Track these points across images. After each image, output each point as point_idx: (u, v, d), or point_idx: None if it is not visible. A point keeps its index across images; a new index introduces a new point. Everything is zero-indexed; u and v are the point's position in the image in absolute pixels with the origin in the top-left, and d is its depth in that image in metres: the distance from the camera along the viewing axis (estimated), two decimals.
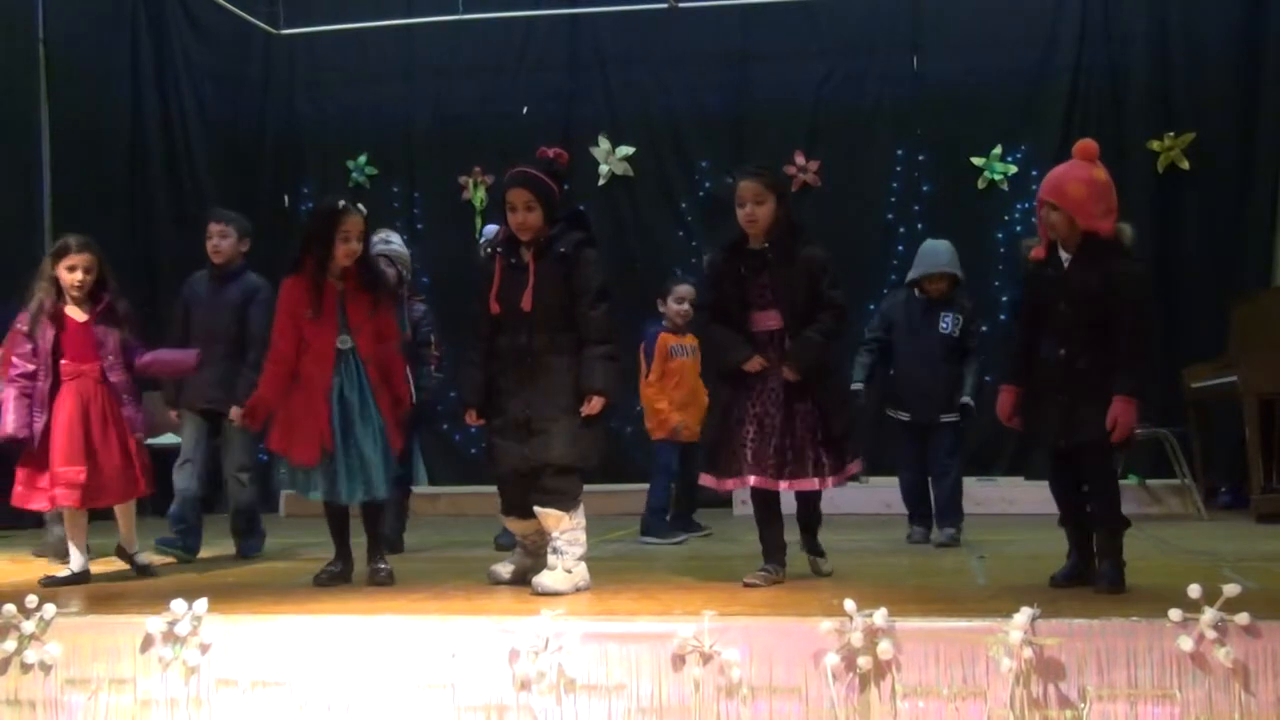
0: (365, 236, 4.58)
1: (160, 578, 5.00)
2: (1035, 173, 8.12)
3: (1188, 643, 3.13)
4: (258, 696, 3.52)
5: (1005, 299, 8.49)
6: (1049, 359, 4.04)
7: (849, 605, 3.28)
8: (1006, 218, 8.86)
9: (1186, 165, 8.67)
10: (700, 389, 6.39)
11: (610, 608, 3.81)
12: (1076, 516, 4.14)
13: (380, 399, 4.56)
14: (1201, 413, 8.02)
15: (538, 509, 4.29)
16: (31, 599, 3.71)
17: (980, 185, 8.97)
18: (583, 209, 4.87)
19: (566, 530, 4.26)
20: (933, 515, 6.16)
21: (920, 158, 9.09)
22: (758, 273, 4.41)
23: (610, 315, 4.37)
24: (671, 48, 9.39)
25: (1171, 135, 8.69)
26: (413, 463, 6.48)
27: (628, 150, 9.44)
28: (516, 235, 4.39)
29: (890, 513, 7.32)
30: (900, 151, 9.12)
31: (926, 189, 9.07)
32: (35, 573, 5.03)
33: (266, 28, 9.59)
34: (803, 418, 4.36)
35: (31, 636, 3.65)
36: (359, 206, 4.57)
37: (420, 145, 9.81)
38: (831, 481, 4.42)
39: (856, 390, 6.12)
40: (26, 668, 3.64)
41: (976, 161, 8.95)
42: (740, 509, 7.67)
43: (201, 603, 3.60)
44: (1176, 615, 3.17)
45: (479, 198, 9.53)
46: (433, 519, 6.95)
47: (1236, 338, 7.73)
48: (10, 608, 3.66)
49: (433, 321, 6.21)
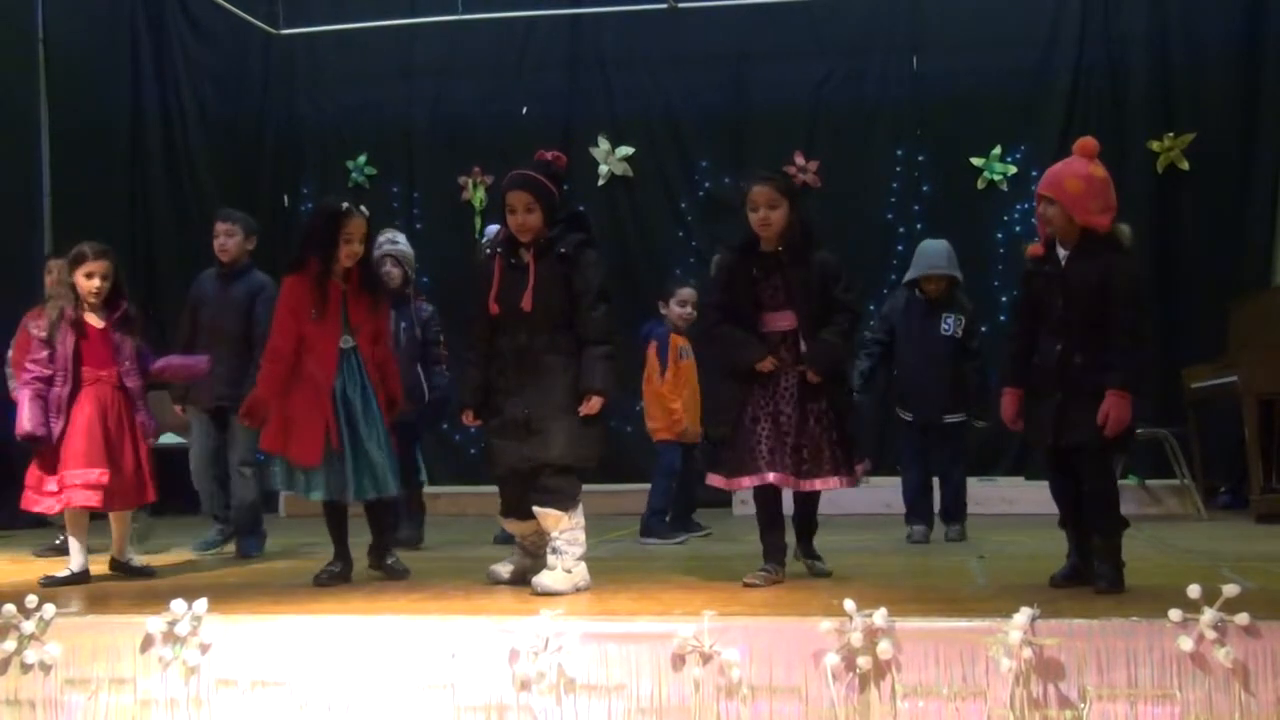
0: (367, 238, 4.60)
1: (160, 578, 5.01)
2: (1035, 173, 8.11)
3: (1188, 643, 3.13)
4: (258, 696, 3.52)
5: (1005, 299, 8.49)
6: (1046, 356, 4.05)
7: (849, 605, 3.28)
8: (1006, 218, 8.87)
9: (1186, 165, 8.68)
10: (699, 390, 6.40)
11: (610, 608, 3.80)
12: (1076, 517, 4.13)
13: (378, 398, 4.61)
14: (1201, 413, 8.02)
15: (537, 509, 4.29)
16: (31, 599, 3.71)
17: (980, 185, 8.98)
18: (583, 210, 4.88)
19: (566, 530, 4.26)
20: (934, 514, 6.18)
21: (920, 158, 9.09)
22: (770, 274, 4.44)
23: (610, 316, 4.39)
24: (671, 48, 9.39)
25: (1171, 135, 8.69)
26: (418, 460, 6.60)
27: (627, 150, 9.45)
28: (516, 237, 4.41)
29: (890, 513, 7.31)
30: (900, 151, 9.12)
31: (926, 189, 9.07)
32: (35, 573, 5.03)
33: (266, 28, 9.60)
34: (817, 417, 4.39)
35: (31, 636, 3.64)
36: (362, 208, 4.60)
37: (420, 145, 9.81)
38: (847, 481, 4.45)
39: (860, 395, 6.17)
40: (26, 668, 3.64)
41: (976, 161, 8.96)
42: (740, 509, 7.66)
43: (201, 603, 3.60)
44: (1176, 615, 3.17)
45: (479, 198, 9.53)
46: (433, 519, 6.92)
47: (1236, 338, 7.73)
48: (10, 608, 3.66)
49: (440, 321, 6.28)
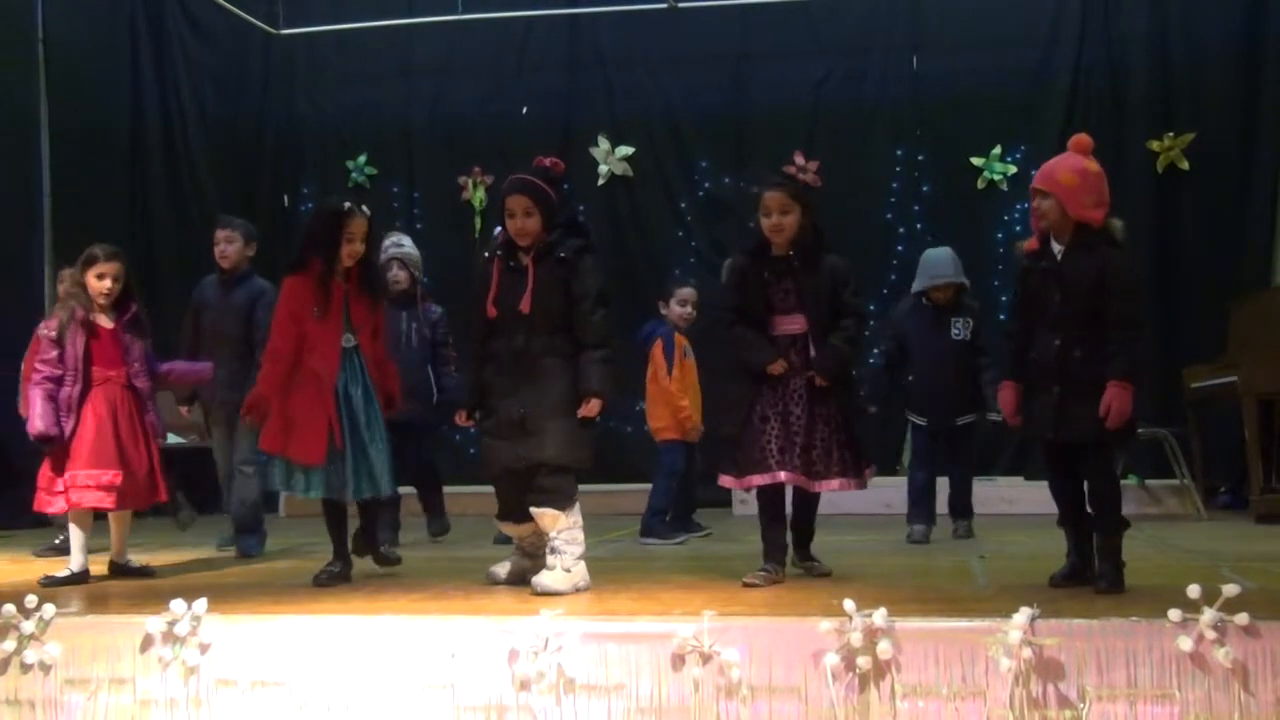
0: (369, 238, 4.62)
1: (160, 578, 5.01)
2: (1035, 173, 8.10)
3: (1187, 643, 3.13)
4: (257, 696, 3.52)
5: (1005, 299, 8.48)
6: (1044, 350, 4.06)
7: (849, 605, 3.28)
8: (1006, 218, 8.86)
9: (1186, 165, 8.67)
10: (699, 389, 6.42)
11: (610, 608, 3.81)
12: (1075, 515, 4.14)
13: (378, 396, 4.65)
14: (1201, 413, 8.01)
15: (534, 509, 4.31)
16: (31, 599, 3.71)
17: (980, 185, 8.97)
18: (581, 217, 4.92)
19: (564, 530, 4.27)
20: (935, 515, 6.19)
21: (920, 158, 9.09)
22: (781, 278, 4.48)
23: (608, 320, 4.43)
24: (671, 48, 9.39)
25: (1171, 135, 8.69)
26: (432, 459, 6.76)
27: (627, 150, 9.44)
28: (515, 240, 4.45)
29: (890, 513, 7.31)
30: (900, 151, 9.12)
31: (926, 189, 9.07)
32: (35, 573, 5.03)
33: (266, 28, 9.60)
34: (825, 420, 4.42)
35: (31, 636, 3.65)
36: (363, 208, 4.62)
37: (420, 145, 9.81)
38: (856, 484, 4.48)
39: (873, 412, 6.25)
40: (26, 668, 3.64)
41: (976, 161, 8.96)
42: (740, 509, 7.66)
43: (201, 603, 3.60)
44: (1176, 615, 3.17)
45: (479, 198, 9.53)
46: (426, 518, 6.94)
47: (1236, 338, 7.73)
48: (10, 608, 3.66)
49: (449, 323, 6.33)
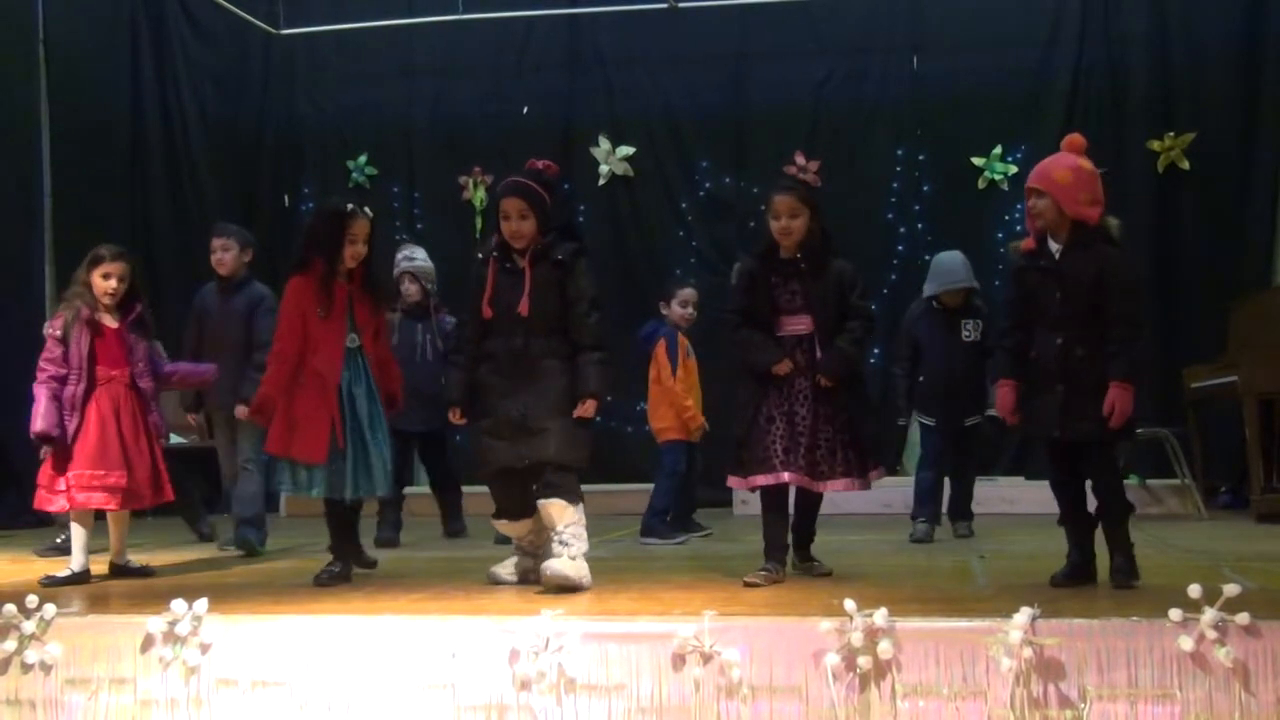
0: (371, 239, 4.64)
1: (160, 578, 5.01)
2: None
3: (1188, 643, 3.13)
4: (258, 696, 3.52)
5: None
6: (1046, 349, 4.07)
7: (849, 605, 3.28)
8: (1006, 217, 8.86)
9: (1186, 165, 8.68)
10: (699, 389, 6.43)
11: (610, 608, 3.80)
12: (1075, 512, 4.16)
13: (380, 397, 4.68)
14: (1201, 413, 8.02)
15: (543, 502, 4.33)
16: (32, 599, 3.71)
17: (980, 185, 8.98)
18: (575, 221, 4.95)
19: (570, 524, 4.30)
20: (940, 514, 6.20)
21: (920, 158, 9.09)
22: (788, 280, 4.51)
23: (603, 323, 4.47)
24: (671, 48, 9.39)
25: (1171, 135, 8.69)
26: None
27: (628, 150, 9.44)
28: (510, 243, 4.47)
29: (890, 513, 7.32)
30: (900, 151, 9.12)
31: (926, 189, 9.07)
32: (36, 573, 5.03)
33: (266, 28, 9.60)
34: (830, 420, 4.44)
35: (32, 636, 3.64)
36: (365, 210, 4.64)
37: (420, 145, 9.81)
38: (860, 485, 4.49)
39: (904, 423, 6.51)
40: (27, 668, 3.64)
41: (976, 161, 8.96)
42: (740, 509, 7.66)
43: (202, 603, 3.60)
44: (1176, 615, 3.17)
45: (479, 198, 9.53)
46: (433, 519, 6.95)
47: (1236, 338, 7.73)
48: (10, 608, 3.66)
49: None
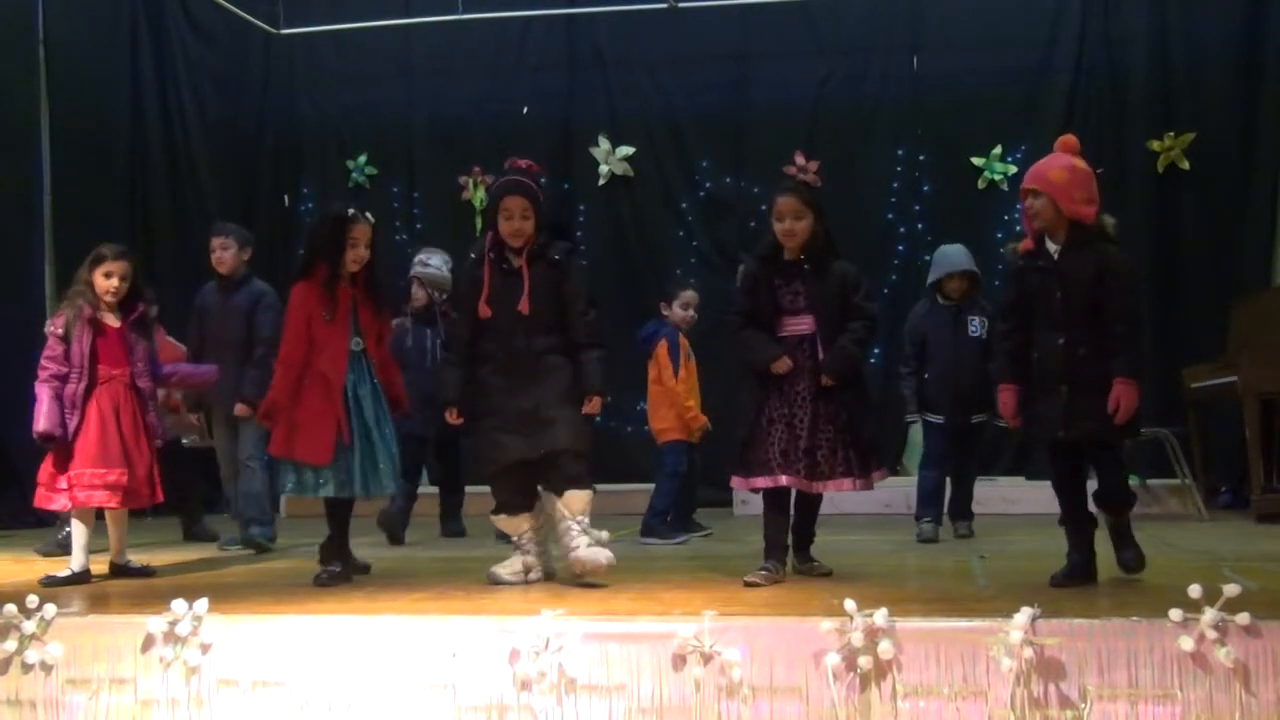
0: (372, 243, 4.70)
1: (160, 578, 5.01)
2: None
3: (1188, 643, 3.14)
4: (258, 696, 3.52)
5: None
6: (1048, 349, 4.08)
7: (849, 605, 3.28)
8: (1006, 217, 8.84)
9: (1186, 165, 8.67)
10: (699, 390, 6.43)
11: (610, 608, 3.80)
12: (1076, 513, 4.16)
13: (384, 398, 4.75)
14: (1201, 413, 8.02)
15: (566, 494, 4.40)
16: (32, 599, 3.71)
17: (980, 185, 8.97)
18: (563, 220, 5.01)
19: (583, 515, 4.41)
20: (943, 513, 6.21)
21: (920, 158, 9.09)
22: (791, 281, 4.53)
23: (599, 320, 4.55)
24: (671, 48, 9.38)
25: (1171, 135, 8.68)
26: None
27: (628, 150, 9.44)
28: (508, 241, 4.51)
29: (890, 512, 7.32)
30: (900, 151, 9.12)
31: (926, 189, 9.07)
32: (37, 572, 5.03)
33: (266, 28, 9.59)
34: (830, 420, 4.44)
35: (32, 636, 3.65)
36: (366, 215, 4.71)
37: (420, 145, 9.81)
38: (860, 484, 4.49)
39: (912, 421, 6.43)
40: (27, 668, 3.64)
41: (976, 161, 8.95)
42: (740, 509, 7.66)
43: (202, 603, 3.60)
44: (1177, 615, 3.17)
45: (479, 198, 9.52)
46: (433, 519, 6.95)
47: (1236, 338, 7.73)
48: (11, 608, 3.66)
49: None
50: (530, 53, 9.69)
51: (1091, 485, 4.28)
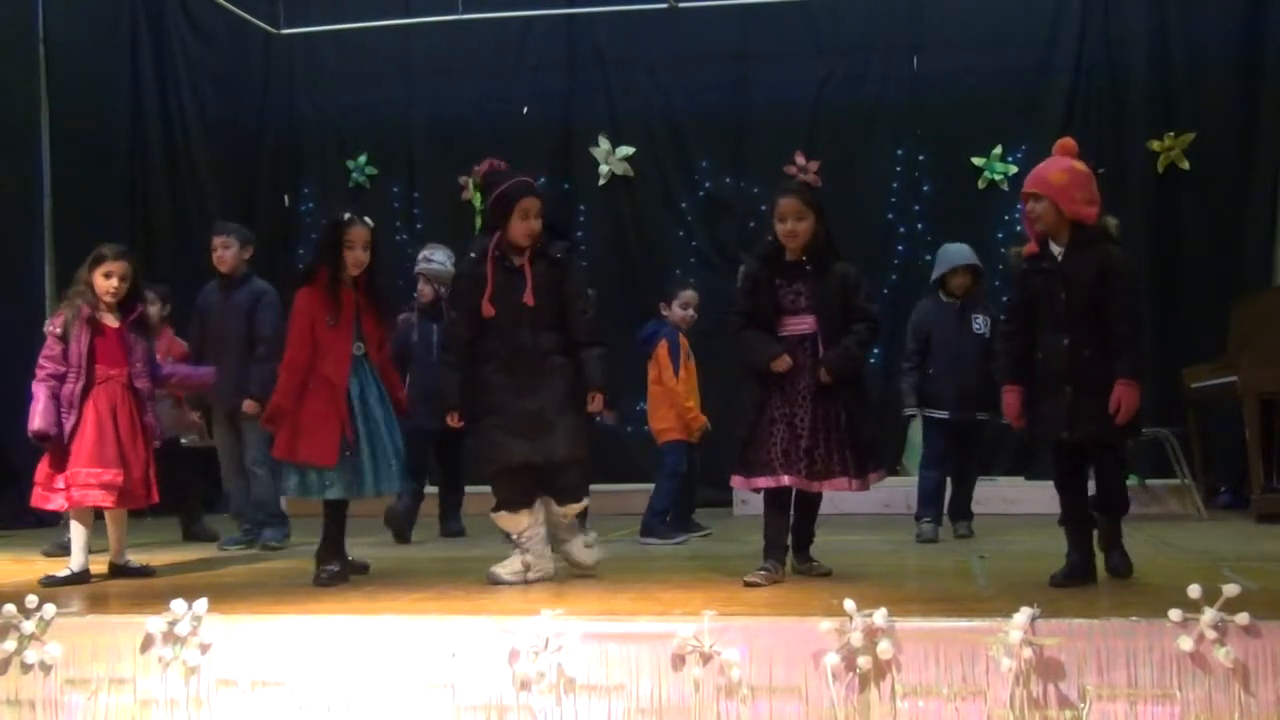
0: (371, 247, 4.73)
1: (160, 578, 5.01)
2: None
3: (1188, 643, 3.14)
4: (258, 696, 3.53)
5: (1006, 299, 8.49)
6: (1053, 350, 4.10)
7: (849, 605, 3.28)
8: (1006, 217, 8.84)
9: (1186, 165, 8.66)
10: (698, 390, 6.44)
11: (610, 608, 3.81)
12: (1077, 513, 4.17)
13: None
14: (1201, 413, 8.02)
15: (566, 508, 4.65)
16: (31, 599, 3.71)
17: (980, 185, 8.96)
18: (560, 220, 5.08)
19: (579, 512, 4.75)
20: (943, 513, 6.21)
21: (920, 158, 9.08)
22: (793, 281, 4.55)
23: (598, 317, 4.65)
24: (671, 48, 9.38)
25: (1171, 135, 8.67)
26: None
27: (628, 150, 9.43)
28: (519, 242, 4.53)
29: (890, 512, 7.32)
30: (900, 151, 9.11)
31: (926, 189, 9.06)
32: (37, 572, 5.04)
33: (266, 28, 9.59)
34: (829, 420, 4.45)
35: (31, 636, 3.65)
36: (365, 219, 4.75)
37: (420, 145, 9.81)
38: (859, 484, 4.49)
39: (911, 415, 6.40)
40: (26, 668, 3.64)
41: (976, 161, 8.95)
42: (740, 509, 7.66)
43: (201, 603, 3.60)
44: (1176, 615, 3.18)
45: (479, 198, 9.51)
46: (432, 518, 6.95)
47: (1236, 338, 7.73)
48: (10, 608, 3.66)
49: None
50: (530, 53, 9.69)
51: (1091, 486, 4.29)
